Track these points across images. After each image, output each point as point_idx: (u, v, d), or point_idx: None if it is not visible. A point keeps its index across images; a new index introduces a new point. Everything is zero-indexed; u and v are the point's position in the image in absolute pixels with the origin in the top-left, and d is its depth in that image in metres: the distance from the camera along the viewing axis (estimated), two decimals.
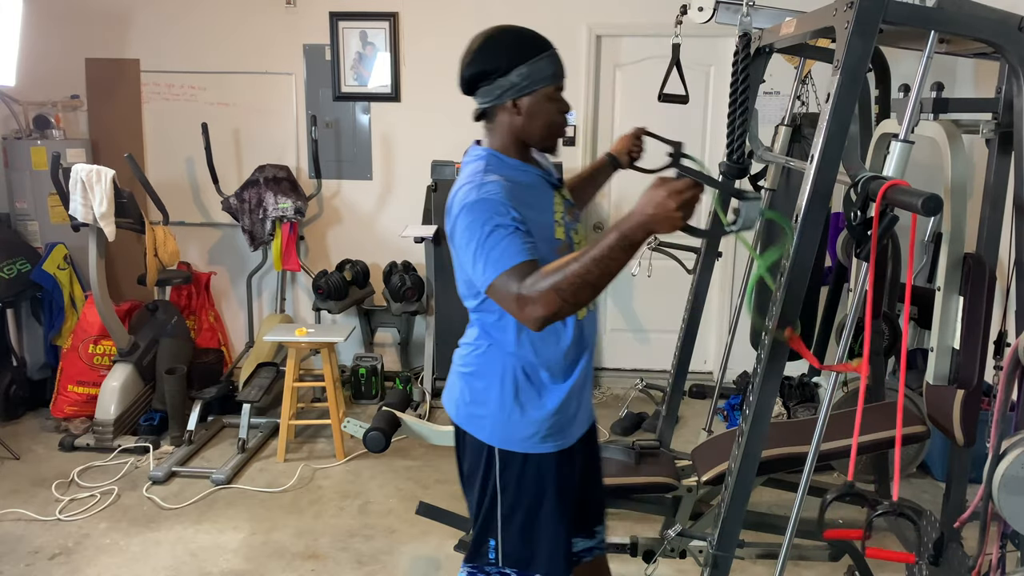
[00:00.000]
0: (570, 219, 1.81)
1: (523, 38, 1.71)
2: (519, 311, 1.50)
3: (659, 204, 1.41)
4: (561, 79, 1.72)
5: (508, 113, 1.70)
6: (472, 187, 1.61)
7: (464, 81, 1.72)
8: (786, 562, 1.79)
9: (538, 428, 1.76)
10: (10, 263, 4.11)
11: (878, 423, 2.60)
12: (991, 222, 2.00)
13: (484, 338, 1.79)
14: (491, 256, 1.53)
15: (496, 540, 1.83)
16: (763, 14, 2.51)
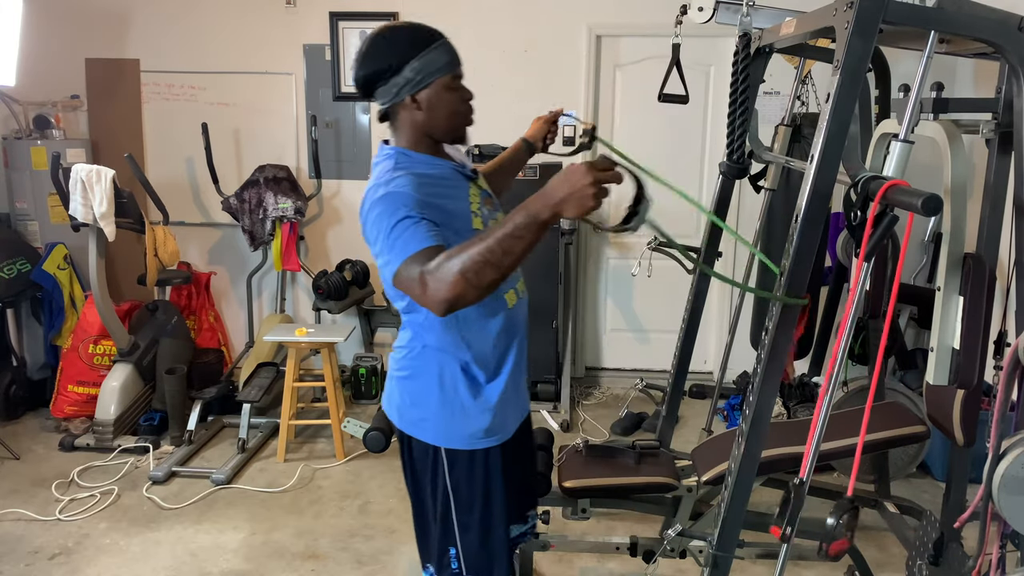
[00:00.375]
0: (488, 209, 1.80)
1: (411, 32, 1.67)
2: (422, 293, 1.44)
3: (575, 184, 1.37)
4: (457, 67, 1.69)
5: (409, 110, 1.67)
6: (380, 184, 1.60)
7: (358, 85, 1.69)
8: (786, 562, 1.79)
9: (480, 423, 1.76)
10: (10, 263, 4.11)
11: (878, 423, 2.60)
12: (991, 222, 2.00)
13: (417, 340, 1.77)
14: (396, 245, 1.50)
15: (456, 548, 1.83)
16: (763, 14, 2.51)
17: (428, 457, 1.80)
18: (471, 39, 4.55)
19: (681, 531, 2.30)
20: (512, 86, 4.59)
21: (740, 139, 2.61)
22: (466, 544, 1.82)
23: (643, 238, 4.01)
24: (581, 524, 3.08)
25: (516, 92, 4.60)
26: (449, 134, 1.74)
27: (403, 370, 1.81)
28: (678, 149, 4.64)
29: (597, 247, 4.82)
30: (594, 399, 4.68)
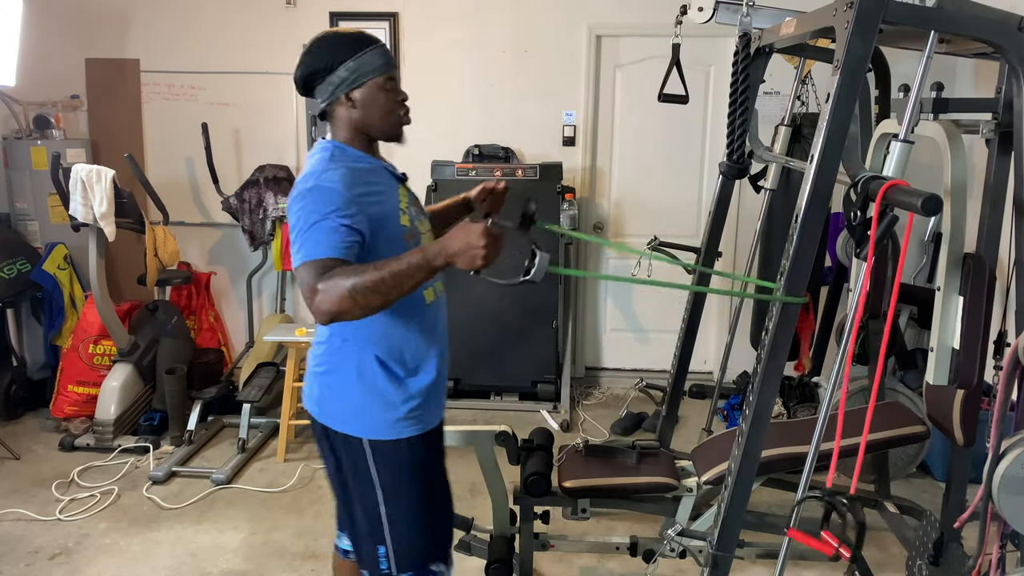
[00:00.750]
0: (415, 211, 1.87)
1: (348, 36, 1.77)
2: (311, 301, 1.57)
3: (470, 243, 1.54)
4: (391, 69, 1.79)
5: (345, 107, 1.76)
6: (313, 175, 1.68)
7: (298, 84, 1.79)
8: (786, 562, 1.79)
9: (401, 411, 1.80)
10: (10, 263, 4.11)
11: (878, 423, 2.60)
12: (991, 222, 2.00)
13: (336, 335, 1.81)
14: (306, 243, 1.60)
15: (385, 546, 1.84)
16: (763, 14, 2.51)
17: (352, 450, 1.81)
18: (471, 39, 4.59)
19: (681, 531, 2.30)
20: (512, 86, 4.60)
21: (740, 139, 2.61)
22: (395, 538, 1.83)
23: (643, 238, 4.02)
24: (581, 524, 3.08)
25: (516, 92, 4.60)
26: (383, 132, 1.82)
27: (322, 365, 1.85)
28: (678, 149, 4.64)
29: (597, 247, 4.82)
30: (594, 399, 4.68)
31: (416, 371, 1.82)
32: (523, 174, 4.25)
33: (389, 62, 1.78)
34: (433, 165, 4.29)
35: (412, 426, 1.82)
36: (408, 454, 1.82)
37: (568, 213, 4.24)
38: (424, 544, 1.86)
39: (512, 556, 2.50)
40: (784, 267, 1.68)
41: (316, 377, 1.86)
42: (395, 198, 1.79)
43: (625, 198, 4.74)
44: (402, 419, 1.80)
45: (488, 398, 4.49)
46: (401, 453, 1.81)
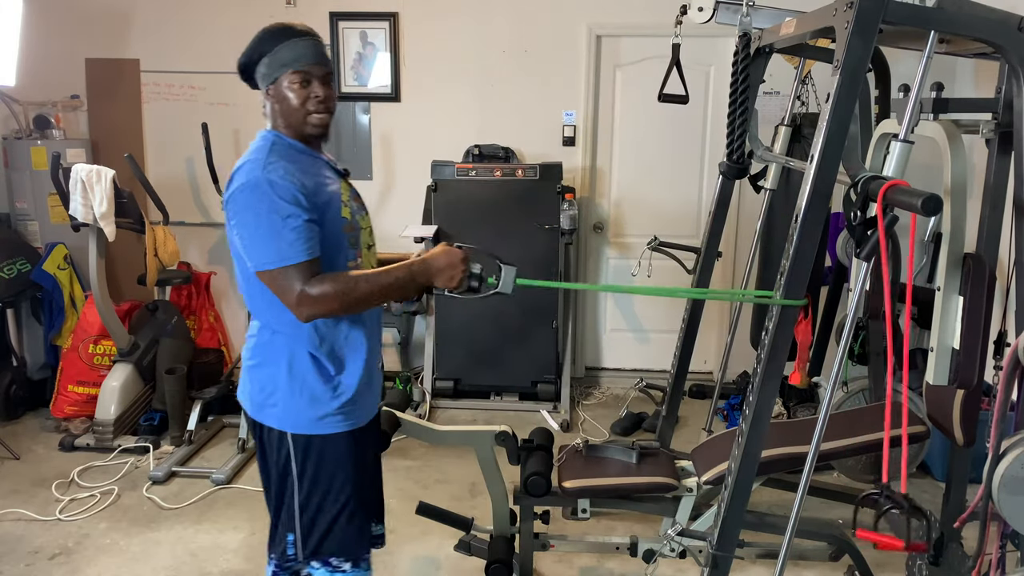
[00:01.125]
0: (357, 205, 1.89)
1: (274, 31, 1.79)
2: (296, 305, 1.65)
3: (453, 264, 1.74)
4: (303, 64, 1.75)
5: (270, 100, 1.79)
6: (257, 164, 1.68)
7: (238, 73, 1.83)
8: (786, 562, 1.79)
9: (328, 408, 1.81)
10: (10, 263, 4.11)
11: (879, 423, 2.60)
12: (991, 222, 2.00)
13: (266, 328, 1.83)
14: (274, 245, 1.63)
15: (295, 534, 1.86)
16: (763, 14, 2.51)
17: (276, 443, 1.83)
18: (471, 39, 4.59)
19: (681, 531, 2.30)
20: (512, 86, 4.60)
21: (740, 139, 2.61)
22: (304, 529, 1.85)
23: (643, 238, 4.02)
24: (581, 524, 3.08)
25: (516, 92, 4.60)
26: (296, 128, 1.79)
27: (253, 358, 1.86)
28: (678, 149, 4.64)
29: (597, 247, 4.82)
30: (594, 399, 4.68)
31: (346, 368, 1.83)
32: (523, 174, 4.25)
33: (302, 57, 1.75)
34: (433, 165, 4.29)
35: (339, 423, 1.83)
36: (331, 450, 1.83)
37: (568, 213, 4.24)
38: (334, 539, 1.86)
39: (512, 556, 2.50)
40: (784, 267, 1.68)
41: (247, 371, 1.88)
42: (337, 189, 1.81)
43: (625, 198, 4.74)
44: (329, 415, 1.81)
45: (488, 398, 4.49)
46: (324, 449, 1.82)
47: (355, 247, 1.83)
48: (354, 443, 1.87)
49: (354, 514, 1.87)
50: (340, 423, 1.83)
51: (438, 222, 4.32)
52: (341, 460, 1.84)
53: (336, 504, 1.85)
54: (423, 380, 4.48)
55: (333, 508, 1.85)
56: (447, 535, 2.79)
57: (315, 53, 1.79)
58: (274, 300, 1.72)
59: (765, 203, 3.33)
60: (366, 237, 1.90)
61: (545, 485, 2.40)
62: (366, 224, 1.92)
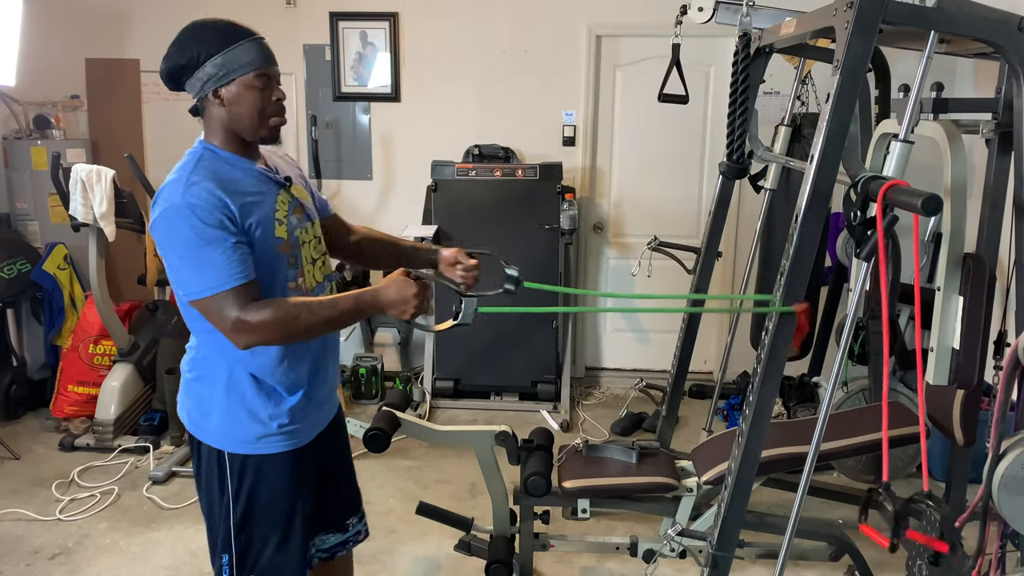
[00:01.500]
0: (297, 218, 1.76)
1: (218, 29, 1.66)
2: (233, 333, 1.57)
3: (404, 296, 1.64)
4: (263, 65, 1.66)
5: (215, 105, 1.66)
6: (179, 185, 1.60)
7: (163, 77, 1.69)
8: (786, 562, 1.79)
9: (266, 429, 1.74)
10: (10, 263, 4.11)
11: (879, 423, 2.60)
12: (991, 222, 2.00)
13: (205, 343, 1.74)
14: (203, 271, 1.55)
15: (230, 555, 1.79)
16: (763, 14, 2.51)
17: (213, 461, 1.76)
18: (471, 39, 4.59)
19: (681, 531, 2.30)
20: (512, 86, 4.60)
21: (740, 139, 2.61)
22: (240, 550, 1.78)
23: (643, 238, 4.02)
24: (581, 524, 3.08)
25: (516, 92, 4.61)
26: (255, 132, 1.69)
27: (192, 371, 1.79)
28: (678, 149, 4.64)
29: (597, 247, 4.82)
30: (594, 399, 4.68)
31: (286, 388, 1.75)
32: (523, 174, 4.25)
33: (262, 58, 1.66)
34: (433, 165, 4.29)
35: (278, 443, 1.76)
36: (269, 471, 1.76)
37: (568, 213, 4.24)
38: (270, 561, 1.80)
39: (512, 556, 2.50)
40: (784, 267, 1.68)
41: (185, 384, 1.81)
42: (271, 207, 1.68)
43: (625, 198, 4.74)
44: (268, 436, 1.74)
45: (488, 398, 4.49)
46: (262, 469, 1.76)
47: (295, 266, 1.73)
48: (297, 462, 1.80)
49: (289, 536, 1.81)
50: (280, 443, 1.76)
51: (438, 222, 4.32)
52: (278, 482, 1.77)
53: (273, 527, 1.79)
54: (423, 380, 4.48)
55: (270, 531, 1.79)
56: (447, 535, 2.79)
57: (270, 53, 1.70)
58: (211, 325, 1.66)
59: (765, 203, 3.33)
60: (310, 251, 1.79)
61: (545, 485, 2.40)
62: (310, 237, 1.80)
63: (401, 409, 2.52)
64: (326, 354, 1.85)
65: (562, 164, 4.37)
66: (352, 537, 2.12)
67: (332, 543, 2.06)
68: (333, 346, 1.91)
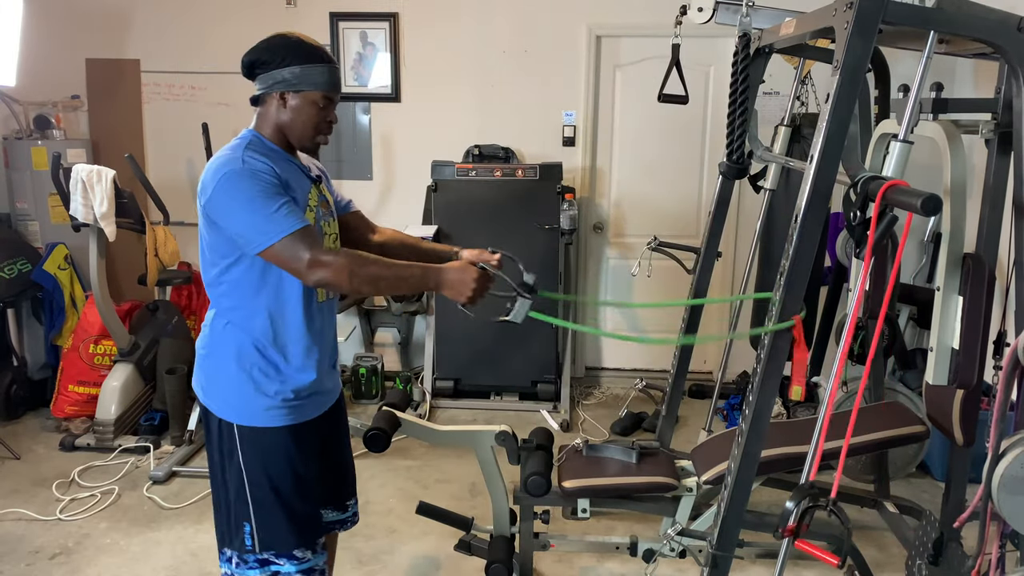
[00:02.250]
0: (323, 211, 1.93)
1: (308, 46, 1.83)
2: (307, 268, 1.69)
3: (465, 281, 1.81)
4: (332, 91, 1.85)
5: (276, 105, 1.83)
6: (235, 159, 1.74)
7: (244, 65, 1.84)
8: (786, 562, 1.79)
9: (273, 401, 1.85)
10: (11, 263, 4.11)
11: (878, 423, 2.60)
12: (991, 222, 2.00)
13: (220, 318, 1.87)
14: (271, 219, 1.68)
15: (251, 524, 1.89)
16: (763, 14, 2.51)
17: (224, 433, 1.88)
18: (471, 39, 4.59)
19: (681, 531, 2.31)
20: (512, 86, 4.60)
21: (740, 139, 2.61)
22: (260, 519, 1.88)
23: (643, 238, 4.02)
24: (581, 524, 3.09)
25: (516, 92, 4.61)
26: (300, 141, 1.87)
27: (204, 348, 1.91)
28: (678, 149, 4.64)
29: (597, 247, 4.83)
30: (594, 399, 4.69)
31: (294, 366, 1.87)
32: (523, 174, 4.26)
33: (334, 84, 1.85)
34: (433, 165, 4.29)
35: (281, 417, 1.86)
36: (275, 442, 1.87)
37: (568, 213, 4.24)
38: (288, 529, 1.90)
39: (512, 556, 2.50)
40: (784, 267, 1.68)
41: (200, 360, 1.92)
42: (304, 195, 1.85)
43: (625, 198, 4.74)
44: (274, 408, 1.85)
45: (488, 398, 4.49)
46: (270, 441, 1.86)
47: None
48: (302, 435, 1.91)
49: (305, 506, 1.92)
50: (286, 416, 1.87)
51: (438, 222, 4.32)
52: (287, 452, 1.88)
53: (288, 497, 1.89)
54: (423, 380, 4.48)
55: (286, 501, 1.88)
56: (447, 535, 2.79)
57: (340, 83, 1.89)
58: (236, 287, 1.81)
59: (765, 203, 3.33)
60: (330, 243, 1.95)
61: (545, 485, 2.40)
62: (331, 231, 1.96)
63: (401, 409, 2.52)
64: (325, 342, 1.96)
65: (562, 164, 4.37)
66: (350, 518, 2.21)
67: (330, 519, 2.16)
68: (331, 336, 2.01)
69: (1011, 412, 1.76)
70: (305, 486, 1.92)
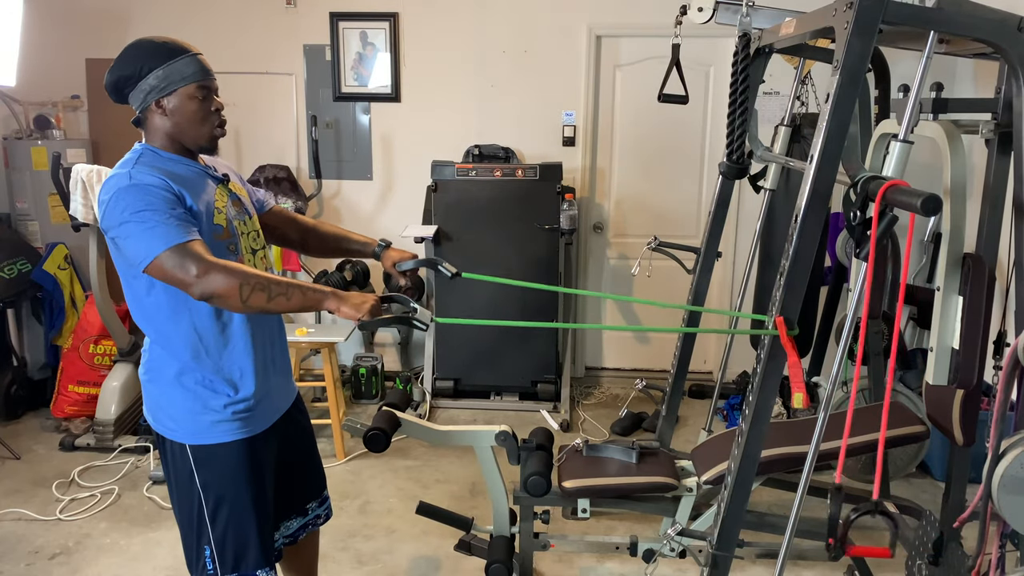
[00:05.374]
0: (236, 211, 1.88)
1: (159, 45, 1.77)
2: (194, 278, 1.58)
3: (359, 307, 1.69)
4: (204, 78, 1.79)
5: (157, 115, 1.77)
6: (123, 175, 1.68)
7: (108, 89, 1.78)
8: (786, 562, 1.79)
9: (222, 415, 1.82)
10: (10, 263, 4.11)
11: (877, 423, 2.60)
12: (991, 222, 2.00)
13: (154, 343, 1.84)
14: (156, 232, 1.60)
15: (210, 546, 1.87)
16: (763, 14, 2.51)
17: (178, 456, 1.85)
18: (471, 39, 4.59)
19: (681, 531, 2.31)
20: (512, 86, 4.60)
21: (740, 139, 2.61)
22: (217, 539, 1.86)
23: (643, 239, 4.02)
24: (581, 524, 3.09)
25: (516, 92, 4.61)
26: (196, 142, 1.81)
27: (147, 373, 1.88)
28: (678, 149, 4.64)
29: (597, 247, 4.83)
30: (594, 399, 4.69)
31: (236, 377, 1.84)
32: (523, 174, 4.26)
33: (202, 72, 1.79)
34: (433, 165, 4.29)
35: (236, 430, 1.84)
36: (229, 458, 1.84)
37: (568, 213, 4.24)
38: (248, 549, 1.88)
39: (512, 556, 2.50)
40: (784, 267, 1.68)
41: (144, 387, 1.90)
42: (210, 197, 1.80)
43: (625, 198, 4.74)
44: (224, 422, 1.83)
45: (488, 398, 4.49)
46: (223, 458, 1.84)
47: (235, 252, 1.82)
48: (255, 448, 1.88)
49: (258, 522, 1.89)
50: (238, 430, 1.84)
51: (438, 222, 4.32)
52: (241, 467, 1.85)
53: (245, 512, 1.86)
54: (423, 380, 4.48)
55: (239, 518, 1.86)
56: (447, 535, 2.79)
57: (208, 68, 1.83)
58: (158, 310, 1.76)
59: (765, 203, 3.33)
60: (249, 242, 1.90)
61: (545, 485, 2.40)
62: (248, 229, 1.91)
63: (401, 409, 2.52)
64: (274, 344, 1.94)
65: (562, 164, 4.37)
66: (311, 520, 2.21)
67: (294, 528, 2.17)
68: (279, 335, 1.99)
69: (1011, 412, 1.76)
70: (263, 503, 1.90)
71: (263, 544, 1.90)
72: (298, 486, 2.14)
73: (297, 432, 2.11)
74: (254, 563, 1.89)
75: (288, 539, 2.16)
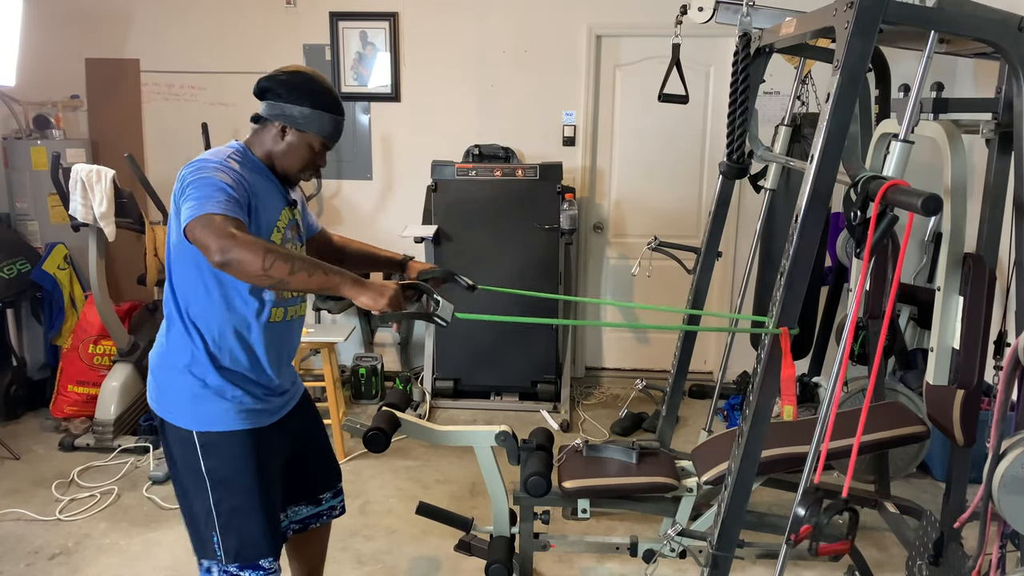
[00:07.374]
0: (292, 234, 1.94)
1: (325, 91, 1.88)
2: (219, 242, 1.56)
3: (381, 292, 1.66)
4: (331, 140, 1.90)
5: (274, 133, 1.87)
6: (218, 155, 1.79)
7: (258, 88, 1.90)
8: (786, 562, 1.79)
9: (232, 405, 1.85)
10: (10, 263, 4.11)
11: (878, 423, 2.60)
12: (991, 222, 2.00)
13: (174, 327, 1.87)
14: (211, 199, 1.63)
15: (216, 533, 1.89)
16: (763, 14, 2.51)
17: (183, 442, 1.87)
18: (471, 39, 4.59)
19: (681, 531, 2.30)
20: (512, 86, 4.60)
21: (740, 139, 2.61)
22: (223, 526, 1.88)
23: (643, 239, 4.02)
24: (581, 524, 3.08)
25: (516, 92, 4.61)
26: (285, 172, 1.91)
27: (158, 357, 1.91)
28: (678, 149, 4.64)
29: (597, 247, 4.83)
30: (594, 399, 4.68)
31: (246, 370, 1.88)
32: (523, 174, 4.25)
33: (334, 136, 1.90)
34: (433, 165, 4.29)
35: (244, 419, 1.87)
36: (236, 447, 1.86)
37: (568, 213, 4.24)
38: (253, 537, 1.89)
39: (512, 556, 2.50)
40: (784, 267, 1.68)
41: (153, 371, 1.93)
42: (275, 214, 1.86)
43: (625, 198, 4.74)
44: (233, 411, 1.86)
45: (488, 398, 4.49)
46: (230, 446, 1.86)
47: None
48: (262, 438, 1.91)
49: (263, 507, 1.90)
50: (244, 420, 1.87)
51: (438, 222, 4.32)
52: (247, 456, 1.87)
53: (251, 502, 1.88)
54: (423, 380, 4.48)
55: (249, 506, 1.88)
56: (447, 535, 2.79)
57: (340, 133, 1.93)
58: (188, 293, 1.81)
59: (765, 203, 3.33)
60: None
61: (545, 485, 2.40)
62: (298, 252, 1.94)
63: (401, 409, 2.52)
64: (283, 346, 1.96)
65: (562, 164, 4.37)
66: (326, 511, 2.22)
67: (304, 515, 2.18)
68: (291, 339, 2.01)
69: (1011, 412, 1.76)
70: (268, 493, 1.91)
71: (268, 534, 1.91)
72: (310, 475, 2.16)
73: (306, 423, 2.14)
74: (259, 553, 1.90)
75: (297, 525, 2.17)
